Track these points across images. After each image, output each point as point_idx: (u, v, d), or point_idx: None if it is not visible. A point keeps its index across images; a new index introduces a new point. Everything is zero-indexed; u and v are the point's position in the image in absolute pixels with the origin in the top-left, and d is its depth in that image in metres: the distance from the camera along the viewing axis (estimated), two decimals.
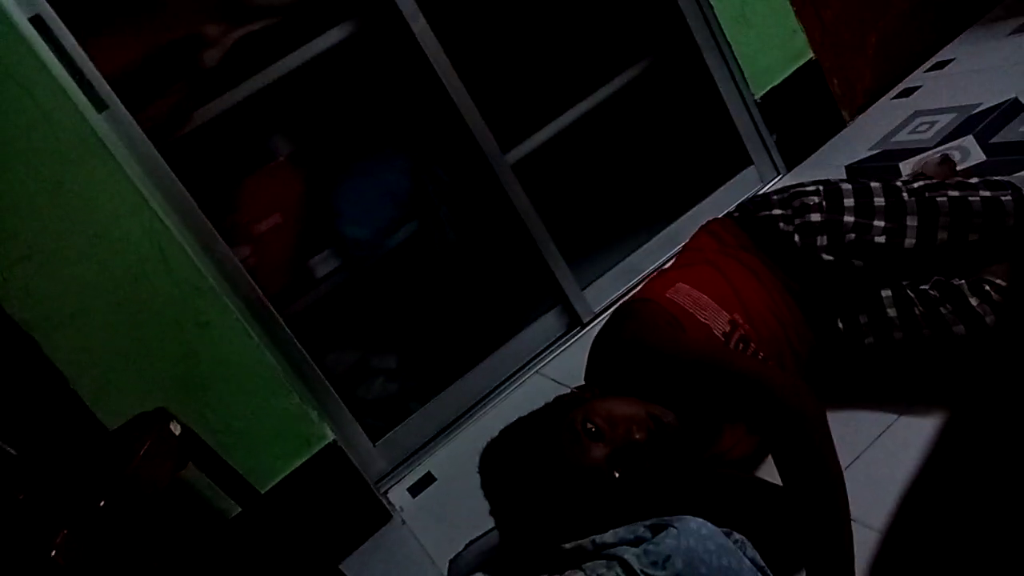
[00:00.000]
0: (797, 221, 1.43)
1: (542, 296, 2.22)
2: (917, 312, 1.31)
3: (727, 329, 1.33)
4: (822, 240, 1.40)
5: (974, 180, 1.40)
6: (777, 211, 1.46)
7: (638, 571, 1.00)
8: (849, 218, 1.39)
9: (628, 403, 1.20)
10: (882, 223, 1.37)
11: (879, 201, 1.39)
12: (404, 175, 2.19)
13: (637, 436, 1.14)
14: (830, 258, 1.39)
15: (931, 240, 1.36)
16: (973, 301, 1.28)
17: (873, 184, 1.43)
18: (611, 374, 1.34)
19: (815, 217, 1.41)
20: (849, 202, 1.41)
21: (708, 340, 1.30)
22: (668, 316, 1.32)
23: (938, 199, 1.36)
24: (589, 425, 1.15)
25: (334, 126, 2.24)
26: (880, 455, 1.30)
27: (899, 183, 1.43)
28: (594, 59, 2.38)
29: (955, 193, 1.37)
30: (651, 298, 1.38)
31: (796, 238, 1.42)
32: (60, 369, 1.65)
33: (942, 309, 1.29)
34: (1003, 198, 1.34)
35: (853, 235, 1.38)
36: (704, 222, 1.63)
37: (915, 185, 1.41)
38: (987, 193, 1.35)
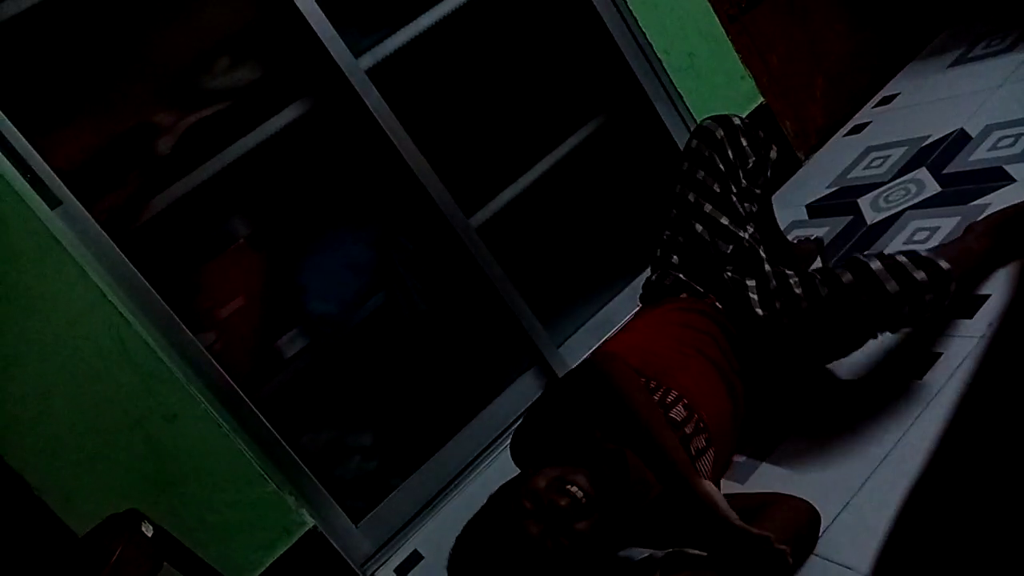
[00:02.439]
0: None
1: (517, 358, 2.20)
2: (817, 280, 1.45)
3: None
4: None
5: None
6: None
7: None
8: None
9: (547, 473, 1.28)
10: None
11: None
12: (368, 247, 2.18)
13: (562, 503, 1.22)
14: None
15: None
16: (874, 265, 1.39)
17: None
18: (544, 435, 1.40)
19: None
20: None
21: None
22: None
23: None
24: (524, 507, 1.24)
25: (293, 203, 2.22)
26: (870, 499, 1.28)
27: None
28: (550, 118, 2.40)
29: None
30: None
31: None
32: (23, 476, 1.58)
33: (838, 271, 1.43)
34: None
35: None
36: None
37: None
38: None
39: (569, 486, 1.25)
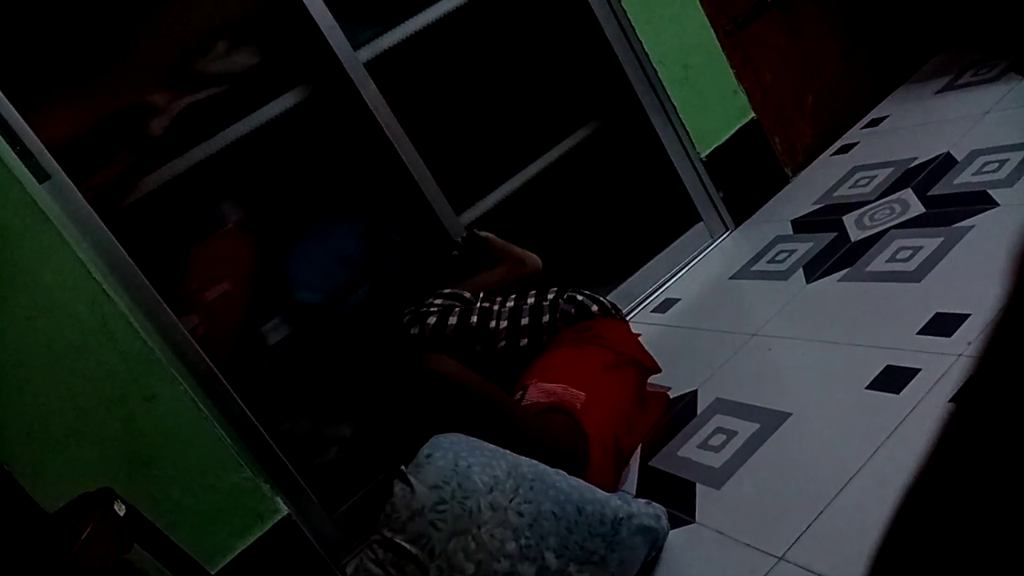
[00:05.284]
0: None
1: None
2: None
3: None
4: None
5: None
6: None
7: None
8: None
9: None
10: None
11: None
12: (357, 238, 2.18)
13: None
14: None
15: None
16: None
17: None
18: None
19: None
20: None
21: None
22: None
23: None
24: None
25: (285, 191, 2.22)
26: (843, 509, 1.29)
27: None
28: (544, 121, 2.41)
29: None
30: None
31: None
32: None
33: None
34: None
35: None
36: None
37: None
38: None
39: None
